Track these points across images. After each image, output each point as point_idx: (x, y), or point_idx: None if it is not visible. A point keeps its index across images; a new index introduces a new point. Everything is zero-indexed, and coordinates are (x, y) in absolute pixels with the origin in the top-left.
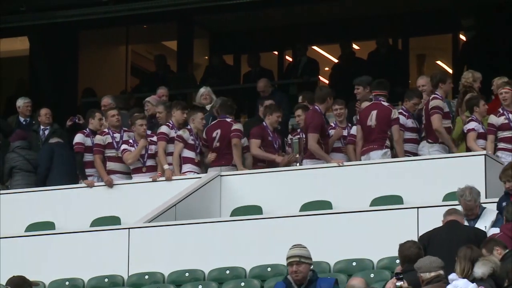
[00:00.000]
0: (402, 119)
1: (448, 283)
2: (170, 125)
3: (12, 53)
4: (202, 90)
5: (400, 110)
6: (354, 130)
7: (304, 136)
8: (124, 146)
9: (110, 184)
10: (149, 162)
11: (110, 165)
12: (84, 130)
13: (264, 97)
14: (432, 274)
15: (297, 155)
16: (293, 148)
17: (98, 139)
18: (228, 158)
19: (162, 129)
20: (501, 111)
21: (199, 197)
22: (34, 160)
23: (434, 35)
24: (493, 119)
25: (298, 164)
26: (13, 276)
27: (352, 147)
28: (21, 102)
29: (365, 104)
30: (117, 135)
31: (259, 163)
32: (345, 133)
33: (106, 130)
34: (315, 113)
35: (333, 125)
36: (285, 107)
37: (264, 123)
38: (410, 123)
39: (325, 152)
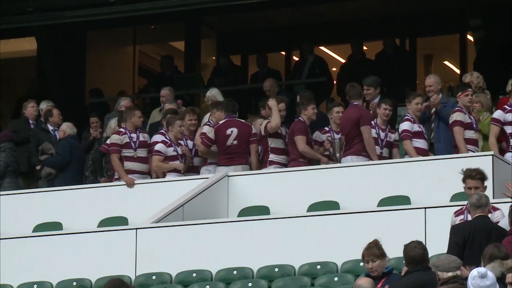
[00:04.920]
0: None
1: (464, 284)
2: (211, 124)
3: (20, 54)
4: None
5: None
6: (406, 125)
7: (334, 134)
8: (159, 147)
9: (130, 184)
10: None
11: (128, 164)
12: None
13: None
14: (450, 274)
15: (337, 154)
16: (335, 148)
17: (116, 138)
18: (247, 157)
19: (204, 129)
20: None
21: (207, 198)
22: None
23: (442, 36)
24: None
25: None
26: (112, 279)
27: (409, 142)
28: (44, 105)
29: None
30: (134, 135)
31: (300, 159)
32: (382, 135)
33: (122, 130)
34: (360, 108)
35: (327, 129)
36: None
37: (301, 118)
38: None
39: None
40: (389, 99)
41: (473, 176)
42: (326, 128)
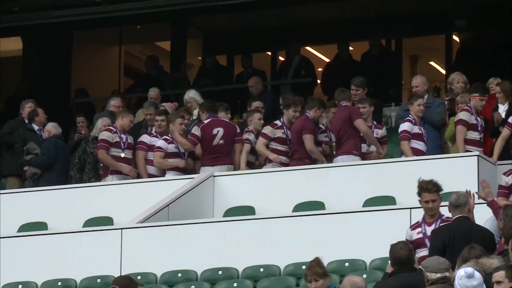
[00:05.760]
0: None
1: (453, 285)
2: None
3: (5, 53)
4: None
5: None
6: (406, 126)
7: (331, 134)
8: (161, 143)
9: (133, 175)
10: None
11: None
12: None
13: (254, 94)
14: (438, 275)
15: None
16: (332, 150)
17: (106, 135)
18: (232, 157)
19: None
20: None
21: (192, 198)
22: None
23: (427, 36)
24: None
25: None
26: (120, 276)
27: (407, 143)
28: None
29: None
30: (123, 136)
31: (306, 160)
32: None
33: (113, 128)
34: (348, 106)
35: (323, 127)
36: (271, 107)
37: (308, 114)
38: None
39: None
40: (367, 98)
41: (430, 189)
42: (322, 127)
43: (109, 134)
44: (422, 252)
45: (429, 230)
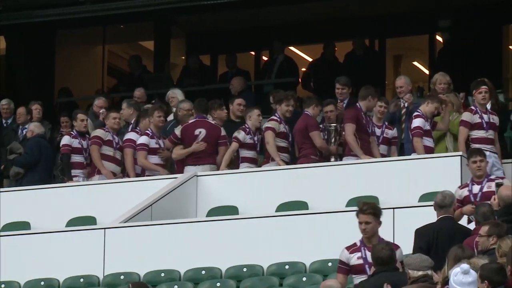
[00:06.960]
0: None
1: (434, 284)
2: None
3: None
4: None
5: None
6: (419, 122)
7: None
8: (144, 139)
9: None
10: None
11: (104, 163)
12: (71, 132)
13: (233, 93)
14: (420, 273)
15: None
16: (330, 135)
17: (100, 132)
18: (215, 157)
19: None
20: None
21: (175, 197)
22: None
23: (411, 36)
24: None
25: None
26: (136, 282)
27: (419, 139)
28: None
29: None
30: (116, 137)
31: (312, 156)
32: (378, 132)
33: (106, 128)
34: (354, 108)
35: (322, 127)
36: (250, 105)
37: (308, 112)
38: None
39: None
40: (385, 98)
41: (364, 210)
42: (321, 126)
43: (103, 132)
44: (362, 279)
45: (370, 255)
